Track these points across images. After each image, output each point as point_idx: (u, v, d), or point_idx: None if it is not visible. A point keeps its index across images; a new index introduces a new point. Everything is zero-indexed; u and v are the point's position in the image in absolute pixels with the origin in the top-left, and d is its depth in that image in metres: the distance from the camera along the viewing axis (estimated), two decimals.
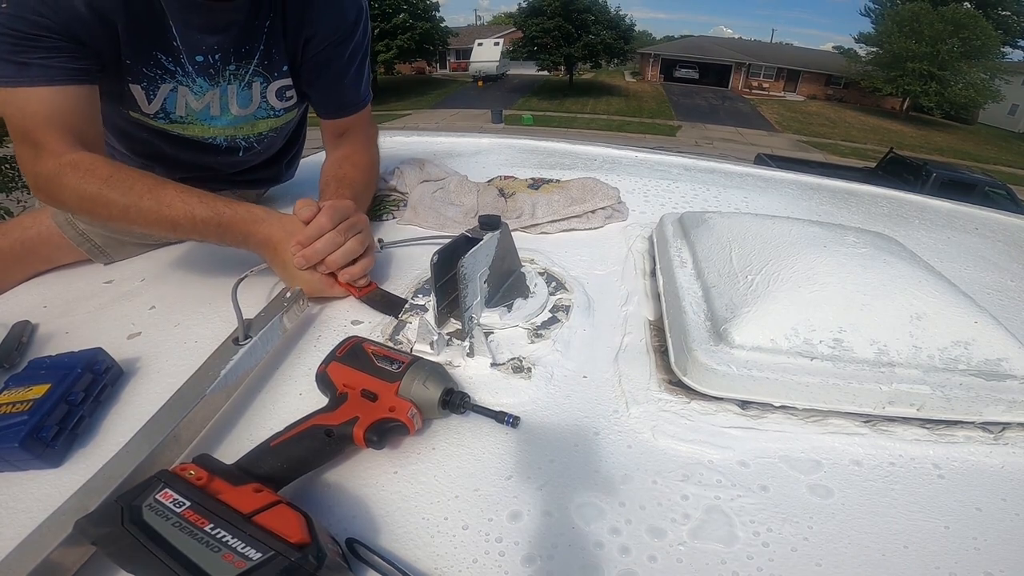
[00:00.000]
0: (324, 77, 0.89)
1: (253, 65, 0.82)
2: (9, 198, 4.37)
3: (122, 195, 0.66)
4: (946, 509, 0.47)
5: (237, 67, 0.81)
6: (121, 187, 0.66)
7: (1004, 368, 0.54)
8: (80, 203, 0.68)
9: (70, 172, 0.66)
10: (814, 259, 0.61)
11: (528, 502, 0.45)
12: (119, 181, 0.67)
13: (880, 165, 9.33)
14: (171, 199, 0.67)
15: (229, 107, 0.85)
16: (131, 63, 0.73)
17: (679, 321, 0.62)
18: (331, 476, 0.48)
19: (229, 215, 0.68)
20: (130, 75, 0.74)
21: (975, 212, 1.28)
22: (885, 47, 22.20)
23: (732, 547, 0.42)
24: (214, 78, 0.80)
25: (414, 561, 0.41)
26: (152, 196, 0.67)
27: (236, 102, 0.85)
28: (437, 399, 0.50)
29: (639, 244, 0.91)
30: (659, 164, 1.42)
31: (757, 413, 0.55)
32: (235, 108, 0.85)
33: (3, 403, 0.49)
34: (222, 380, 0.52)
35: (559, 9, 22.71)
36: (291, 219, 0.71)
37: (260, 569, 0.32)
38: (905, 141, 18.40)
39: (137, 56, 0.73)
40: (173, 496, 0.37)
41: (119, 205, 0.66)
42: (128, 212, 0.67)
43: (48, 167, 0.66)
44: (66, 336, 0.68)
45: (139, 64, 0.74)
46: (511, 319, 0.66)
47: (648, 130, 17.81)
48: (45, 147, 0.66)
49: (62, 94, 0.66)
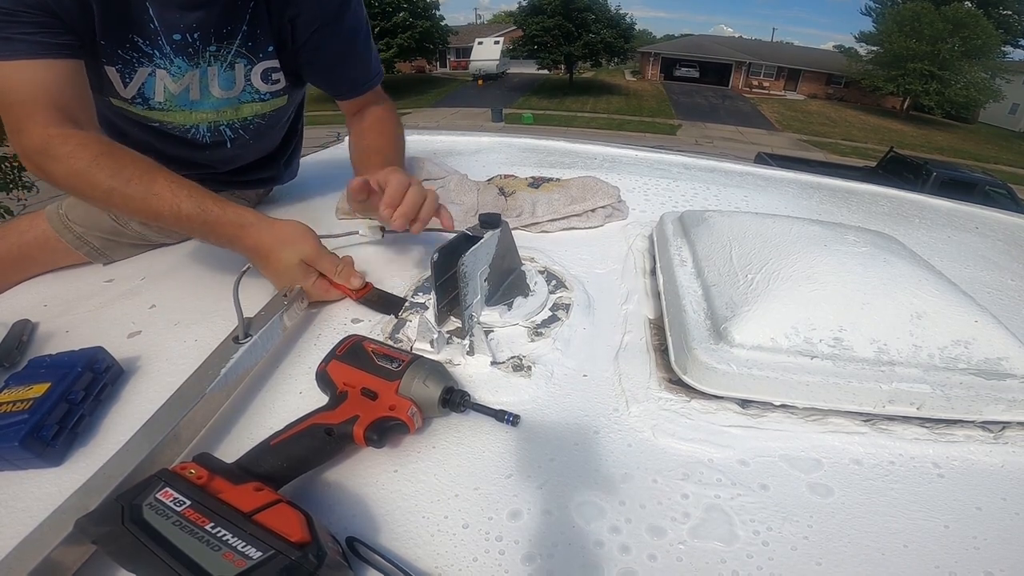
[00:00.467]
0: (324, 60, 0.88)
1: (235, 46, 0.80)
2: (9, 197, 4.37)
3: (109, 176, 0.64)
4: (946, 508, 0.47)
5: (218, 48, 0.79)
6: (110, 168, 0.65)
7: (1004, 367, 0.54)
8: (67, 179, 0.66)
9: (59, 145, 0.64)
10: (814, 258, 0.61)
11: (528, 501, 0.45)
12: (109, 161, 0.65)
13: (880, 164, 9.32)
14: (160, 188, 0.65)
15: (210, 89, 0.83)
16: (106, 43, 0.72)
17: (679, 320, 0.62)
18: (331, 475, 0.48)
19: (216, 215, 0.67)
20: (104, 57, 0.73)
21: (975, 211, 1.28)
22: (886, 46, 22.16)
23: (732, 546, 0.42)
24: (193, 58, 0.78)
25: (414, 560, 0.41)
26: (141, 182, 0.65)
27: (218, 83, 0.83)
28: (437, 397, 0.50)
29: (639, 243, 0.91)
30: (659, 163, 1.42)
31: (757, 412, 0.55)
32: (216, 90, 0.83)
33: (3, 402, 0.49)
34: (222, 379, 0.52)
35: (559, 8, 22.67)
36: (283, 225, 0.69)
37: (260, 568, 0.32)
38: (906, 140, 18.38)
39: (112, 37, 0.72)
40: (173, 495, 0.37)
41: (103, 187, 0.64)
42: (112, 196, 0.65)
43: (34, 140, 0.65)
44: (66, 335, 0.68)
45: (114, 45, 0.72)
46: (511, 317, 0.66)
47: (648, 129, 17.80)
48: (30, 119, 0.65)
49: (46, 68, 0.65)
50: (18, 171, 4.33)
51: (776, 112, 23.13)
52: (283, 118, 1.00)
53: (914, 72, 21.12)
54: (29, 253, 0.84)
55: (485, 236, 0.64)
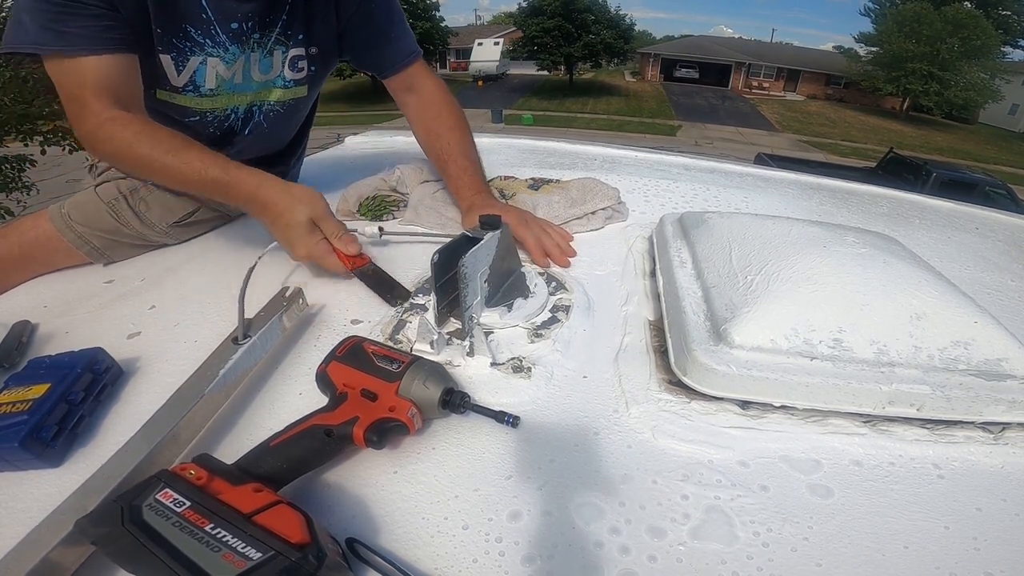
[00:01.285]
0: (371, 29, 0.95)
1: (276, 33, 0.86)
2: (9, 198, 4.37)
3: (149, 149, 0.72)
4: (946, 509, 0.47)
5: (262, 35, 0.85)
6: (150, 141, 0.73)
7: (1004, 368, 0.54)
8: (116, 154, 0.75)
9: (109, 126, 0.72)
10: (814, 259, 0.61)
11: (528, 502, 0.45)
12: (148, 136, 0.73)
13: (880, 165, 9.33)
14: (191, 157, 0.73)
15: (251, 73, 0.89)
16: (161, 32, 0.77)
17: (679, 321, 0.62)
18: (331, 476, 0.47)
19: (236, 175, 0.73)
20: (161, 45, 0.78)
21: (975, 212, 1.28)
22: (885, 47, 22.18)
23: (732, 547, 0.42)
24: (244, 45, 0.84)
25: (414, 561, 0.41)
26: (175, 154, 0.73)
27: (258, 68, 0.89)
28: (437, 399, 0.50)
29: (639, 244, 0.91)
30: (659, 164, 1.42)
31: (757, 413, 0.55)
32: (257, 74, 0.89)
33: (3, 403, 0.49)
34: (221, 379, 0.52)
35: (559, 9, 22.70)
36: (296, 186, 0.74)
37: (260, 569, 0.32)
38: (905, 141, 18.40)
39: (167, 28, 0.77)
40: (173, 496, 0.37)
41: (144, 157, 0.72)
42: (152, 165, 0.73)
43: (90, 124, 0.73)
44: (66, 336, 0.68)
45: (168, 35, 0.78)
46: (511, 319, 0.66)
47: (648, 130, 17.81)
48: (88, 106, 0.72)
49: (102, 61, 0.71)
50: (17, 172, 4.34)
51: (776, 113, 23.15)
52: (299, 112, 1.03)
53: (913, 72, 21.14)
54: (30, 252, 0.84)
55: (485, 237, 0.64)
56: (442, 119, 1.01)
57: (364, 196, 1.00)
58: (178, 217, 0.91)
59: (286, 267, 0.81)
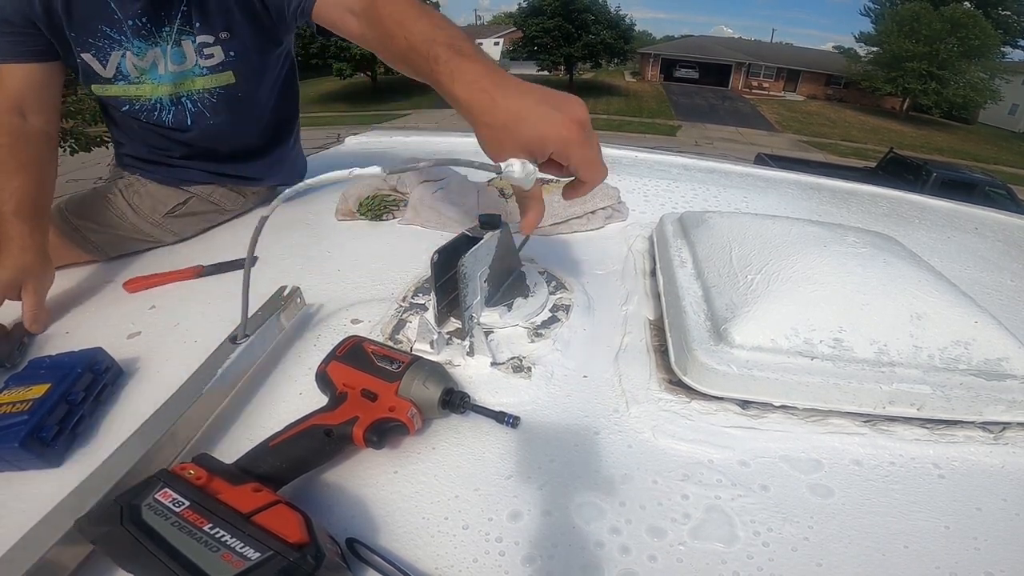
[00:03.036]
0: None
1: (177, 24, 0.86)
2: None
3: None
4: (946, 509, 0.47)
5: (161, 28, 0.85)
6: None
7: (1004, 368, 0.54)
8: None
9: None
10: (814, 259, 0.61)
11: (528, 502, 0.45)
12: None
13: (880, 165, 9.32)
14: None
15: (167, 65, 0.88)
16: (76, 35, 0.80)
17: (679, 321, 0.62)
18: (331, 476, 0.47)
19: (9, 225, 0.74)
20: (78, 46, 0.82)
21: (975, 212, 1.28)
22: (885, 47, 22.17)
23: (732, 547, 0.42)
24: (150, 39, 0.85)
25: (414, 561, 0.41)
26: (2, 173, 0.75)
27: (171, 60, 0.88)
28: (437, 399, 0.50)
29: (639, 244, 0.91)
30: (659, 164, 1.42)
31: (757, 413, 0.55)
32: (170, 66, 0.88)
33: (3, 403, 0.49)
34: (220, 379, 0.52)
35: (559, 9, 22.68)
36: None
37: (259, 569, 0.32)
38: (905, 141, 18.38)
39: (82, 29, 0.80)
40: (172, 496, 0.37)
41: None
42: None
43: None
44: (66, 336, 0.68)
45: (84, 35, 0.81)
46: (511, 318, 0.66)
47: (648, 130, 17.80)
48: None
49: (9, 70, 0.78)
50: None
51: (776, 113, 23.14)
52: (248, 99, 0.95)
53: (913, 72, 21.13)
54: None
55: (485, 237, 0.64)
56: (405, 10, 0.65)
57: (364, 196, 1.00)
58: (170, 207, 0.93)
59: (285, 267, 0.81)
